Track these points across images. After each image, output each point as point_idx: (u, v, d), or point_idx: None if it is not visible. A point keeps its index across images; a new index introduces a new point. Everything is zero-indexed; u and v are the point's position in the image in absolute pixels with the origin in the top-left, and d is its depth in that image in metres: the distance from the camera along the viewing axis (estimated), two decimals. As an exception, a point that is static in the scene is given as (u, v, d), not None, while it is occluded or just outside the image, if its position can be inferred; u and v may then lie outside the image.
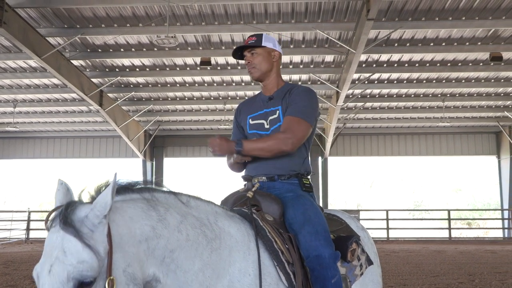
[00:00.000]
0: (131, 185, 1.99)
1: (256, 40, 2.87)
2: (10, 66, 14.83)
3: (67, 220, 1.65)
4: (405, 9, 11.20)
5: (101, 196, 1.69)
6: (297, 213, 2.51)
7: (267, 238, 2.28)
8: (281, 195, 2.65)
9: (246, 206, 2.51)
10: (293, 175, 2.74)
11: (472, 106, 18.98)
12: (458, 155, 23.07)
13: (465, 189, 40.64)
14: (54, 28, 12.23)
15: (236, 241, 2.16)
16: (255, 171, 2.78)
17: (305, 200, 2.60)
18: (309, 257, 2.34)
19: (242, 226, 2.26)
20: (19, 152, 23.47)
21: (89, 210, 1.68)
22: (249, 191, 2.61)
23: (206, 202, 2.24)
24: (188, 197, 2.18)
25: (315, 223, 2.46)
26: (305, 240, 2.39)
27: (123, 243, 1.74)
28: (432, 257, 13.09)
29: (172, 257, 1.89)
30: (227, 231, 2.17)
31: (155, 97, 18.03)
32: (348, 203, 37.81)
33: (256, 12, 11.48)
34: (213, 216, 2.19)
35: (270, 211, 2.52)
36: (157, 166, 22.93)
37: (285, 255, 2.28)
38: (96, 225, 1.67)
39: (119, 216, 1.78)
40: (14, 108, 18.33)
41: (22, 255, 13.47)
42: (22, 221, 20.83)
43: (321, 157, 22.20)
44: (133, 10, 11.36)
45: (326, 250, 2.36)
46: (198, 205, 2.18)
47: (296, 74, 15.38)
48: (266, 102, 2.88)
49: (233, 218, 2.28)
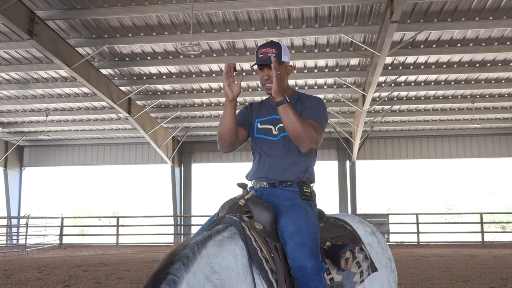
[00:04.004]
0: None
1: (277, 54, 2.85)
2: (42, 76, 15.30)
3: None
4: (430, 10, 11.07)
5: None
6: (288, 222, 2.56)
7: (252, 247, 2.36)
8: (278, 203, 2.69)
9: (237, 214, 2.55)
10: (295, 183, 2.77)
11: (504, 107, 18.56)
12: (490, 157, 22.52)
13: (498, 191, 39.60)
14: (83, 38, 12.56)
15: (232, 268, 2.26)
16: (257, 174, 2.83)
17: (300, 210, 2.63)
18: (293, 267, 2.43)
19: (233, 246, 2.35)
20: (52, 160, 24.08)
21: None
22: (241, 199, 2.65)
23: (199, 256, 2.20)
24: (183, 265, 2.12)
25: (304, 233, 2.50)
26: (291, 250, 2.46)
27: None
28: (463, 261, 12.82)
29: None
30: (224, 265, 2.24)
31: (182, 103, 18.26)
32: (378, 207, 37.35)
33: (280, 17, 11.53)
34: (208, 268, 2.18)
35: (261, 219, 2.57)
36: (185, 172, 23.18)
37: (269, 264, 2.37)
38: None
39: None
40: (46, 116, 18.86)
41: (55, 260, 13.80)
42: (55, 227, 21.33)
43: (348, 161, 22.04)
44: (158, 19, 11.57)
45: (309, 262, 2.42)
46: (195, 271, 2.13)
47: (321, 78, 15.35)
48: (275, 108, 2.87)
49: (223, 245, 2.32)
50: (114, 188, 40.64)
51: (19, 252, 16.27)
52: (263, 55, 2.86)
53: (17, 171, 23.79)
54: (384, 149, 22.59)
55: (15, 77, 15.42)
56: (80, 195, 40.73)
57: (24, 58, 13.86)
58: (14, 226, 22.96)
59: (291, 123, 2.62)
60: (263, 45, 2.91)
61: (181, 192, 22.94)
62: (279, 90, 2.64)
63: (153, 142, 19.52)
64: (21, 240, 20.55)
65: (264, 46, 2.90)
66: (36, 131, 21.29)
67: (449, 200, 40.01)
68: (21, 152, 23.92)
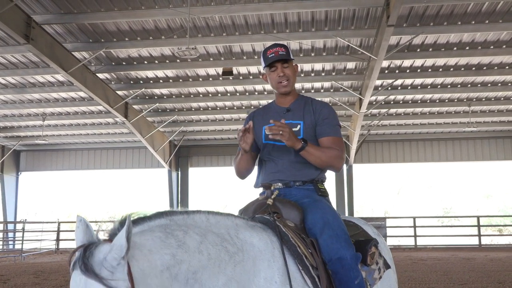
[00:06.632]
0: (147, 215, 2.00)
1: (286, 53, 2.85)
2: (38, 80, 15.27)
3: (87, 265, 1.66)
4: (426, 14, 11.11)
5: (116, 239, 1.69)
6: (316, 217, 2.53)
7: (291, 243, 2.30)
8: (298, 201, 2.67)
9: (267, 214, 2.53)
10: (308, 181, 2.78)
11: (500, 110, 18.62)
12: (486, 160, 22.58)
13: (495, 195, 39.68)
14: (80, 42, 12.55)
15: (259, 250, 2.17)
16: (271, 177, 2.80)
17: (323, 205, 2.63)
18: (331, 260, 2.37)
19: (264, 234, 2.28)
20: (48, 164, 24.01)
21: (107, 252, 1.67)
22: (269, 199, 2.63)
23: (226, 216, 2.25)
24: (207, 214, 2.19)
25: (335, 226, 2.48)
26: (326, 244, 2.41)
27: (145, 277, 1.74)
28: (460, 264, 12.82)
29: (195, 278, 1.90)
30: (249, 242, 2.18)
31: (179, 107, 18.26)
32: (375, 211, 37.36)
33: (276, 21, 11.56)
34: (234, 229, 2.20)
35: (291, 218, 2.54)
36: (182, 176, 23.14)
37: (309, 260, 2.31)
38: (115, 267, 1.66)
39: (138, 251, 1.77)
40: (43, 121, 18.81)
41: (52, 265, 13.74)
42: (52, 232, 21.25)
43: (345, 165, 22.04)
44: (155, 23, 11.58)
45: (347, 252, 2.39)
46: (218, 221, 2.19)
47: (318, 82, 15.37)
48: (283, 113, 2.88)
49: (254, 228, 2.29)
50: (111, 193, 40.56)
51: (16, 257, 16.20)
52: (273, 54, 2.84)
53: (14, 175, 23.71)
54: (381, 153, 22.62)
55: (11, 82, 15.39)
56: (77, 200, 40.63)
57: (20, 62, 13.83)
58: (10, 231, 22.87)
59: (317, 159, 2.70)
60: (270, 46, 2.91)
61: (178, 196, 22.89)
62: (292, 138, 2.61)
63: (150, 146, 19.50)
64: (17, 245, 20.50)
65: (271, 47, 2.89)
66: (32, 135, 21.25)
67: (446, 203, 40.07)
68: (18, 156, 23.85)
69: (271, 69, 2.87)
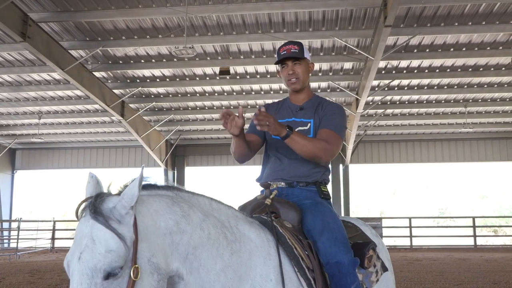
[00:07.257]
0: (157, 184, 2.06)
1: (299, 51, 2.85)
2: (34, 78, 15.20)
3: (96, 209, 1.72)
4: (424, 15, 11.12)
5: (128, 188, 1.76)
6: (316, 220, 2.52)
7: (287, 245, 2.29)
8: (299, 202, 2.66)
9: (265, 213, 2.52)
10: (311, 183, 2.77)
11: (496, 111, 18.68)
12: (482, 161, 22.65)
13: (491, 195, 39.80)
14: (76, 41, 12.51)
15: (256, 246, 2.17)
16: (275, 175, 2.80)
17: (324, 207, 2.62)
18: (328, 263, 2.36)
19: (261, 232, 2.27)
20: (44, 163, 23.93)
21: (117, 201, 1.74)
22: (267, 198, 2.62)
23: (227, 206, 2.28)
24: (210, 200, 2.22)
25: (334, 230, 2.47)
26: (324, 247, 2.40)
27: (148, 234, 1.79)
28: (456, 265, 12.86)
29: (195, 254, 1.93)
30: (247, 235, 2.18)
31: (176, 107, 18.22)
32: (371, 211, 37.42)
33: (274, 21, 11.55)
34: (234, 219, 2.21)
35: (289, 218, 2.53)
36: (178, 175, 23.13)
37: (305, 261, 2.30)
38: (123, 216, 1.72)
39: (145, 208, 1.84)
40: (39, 119, 18.75)
41: (47, 264, 13.70)
42: (47, 231, 21.18)
43: (342, 165, 22.08)
44: (152, 22, 11.55)
45: (345, 256, 2.38)
46: (220, 208, 2.22)
47: (315, 82, 15.37)
48: (296, 110, 2.90)
49: (252, 224, 2.29)
50: (107, 192, 40.39)
51: (11, 256, 16.15)
52: (286, 51, 2.86)
53: (9, 174, 23.63)
54: (377, 153, 22.65)
55: (7, 80, 15.31)
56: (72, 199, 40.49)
57: (16, 60, 13.77)
58: (5, 230, 22.79)
59: (303, 147, 2.61)
60: (284, 44, 2.93)
61: (174, 195, 22.82)
62: (277, 128, 2.52)
63: (146, 146, 19.46)
64: (12, 243, 20.41)
65: (285, 44, 2.92)
66: (28, 134, 21.15)
67: (442, 204, 40.17)
68: (13, 155, 23.75)
69: (283, 66, 2.90)
